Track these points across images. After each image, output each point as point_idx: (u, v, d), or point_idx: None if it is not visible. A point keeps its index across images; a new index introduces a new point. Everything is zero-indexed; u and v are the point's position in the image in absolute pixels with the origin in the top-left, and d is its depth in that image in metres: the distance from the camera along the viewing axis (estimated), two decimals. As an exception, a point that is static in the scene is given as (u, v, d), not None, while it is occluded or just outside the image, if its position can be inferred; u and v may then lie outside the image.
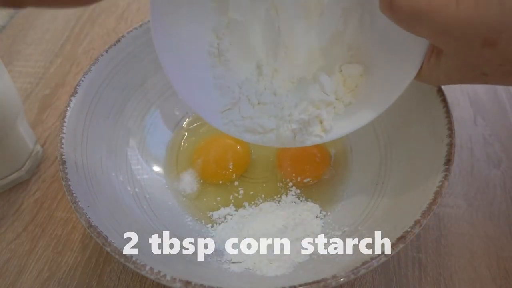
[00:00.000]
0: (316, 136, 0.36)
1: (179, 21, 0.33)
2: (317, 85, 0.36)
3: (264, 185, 0.44)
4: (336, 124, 0.36)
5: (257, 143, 0.36)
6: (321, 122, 0.35)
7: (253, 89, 0.36)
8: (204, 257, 0.37)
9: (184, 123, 0.50)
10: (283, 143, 0.36)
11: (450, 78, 0.30)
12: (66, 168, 0.35)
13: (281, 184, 0.44)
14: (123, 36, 0.44)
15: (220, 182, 0.45)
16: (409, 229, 0.31)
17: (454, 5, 0.24)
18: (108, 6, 0.68)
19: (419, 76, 0.32)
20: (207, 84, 0.36)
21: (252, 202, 0.42)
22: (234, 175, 0.45)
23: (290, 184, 0.44)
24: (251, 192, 0.43)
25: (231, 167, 0.45)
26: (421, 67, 0.31)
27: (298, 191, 0.43)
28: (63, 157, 0.36)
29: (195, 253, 0.38)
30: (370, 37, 0.34)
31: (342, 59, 0.36)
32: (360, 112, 0.35)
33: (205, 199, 0.43)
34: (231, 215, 0.41)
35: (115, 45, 0.43)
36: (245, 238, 0.39)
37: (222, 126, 0.36)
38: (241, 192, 0.43)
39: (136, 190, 0.42)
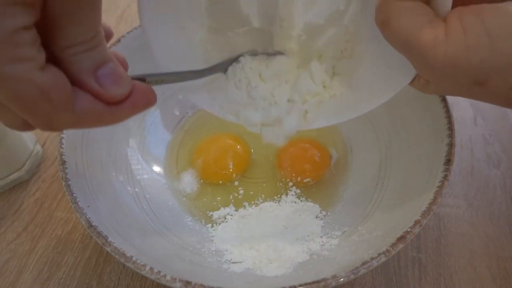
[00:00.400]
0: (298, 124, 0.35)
1: None
2: (307, 73, 0.35)
3: (264, 185, 0.44)
4: (320, 114, 0.34)
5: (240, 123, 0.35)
6: (306, 112, 0.34)
7: (242, 73, 0.35)
8: (204, 257, 0.37)
9: (184, 123, 0.50)
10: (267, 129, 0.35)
11: (440, 93, 0.30)
12: (66, 168, 0.35)
13: (281, 184, 0.44)
14: (123, 36, 0.44)
15: (220, 182, 0.45)
16: (409, 229, 0.31)
17: (443, 45, 0.23)
18: (108, 6, 0.68)
19: (411, 84, 0.31)
20: (194, 55, 0.34)
21: (252, 202, 0.42)
22: (234, 175, 0.45)
23: (290, 184, 0.44)
24: (251, 192, 0.43)
25: (231, 167, 0.45)
26: (413, 79, 0.30)
27: (298, 191, 0.43)
28: (63, 157, 0.36)
29: (195, 253, 0.38)
30: (370, 25, 0.32)
31: (337, 42, 0.35)
32: (347, 105, 0.34)
33: (205, 199, 0.43)
34: (231, 215, 0.41)
35: (115, 45, 0.43)
36: (245, 238, 0.39)
37: (206, 104, 0.35)
38: (241, 192, 0.43)
39: (136, 190, 0.42)
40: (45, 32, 0.20)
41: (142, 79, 0.26)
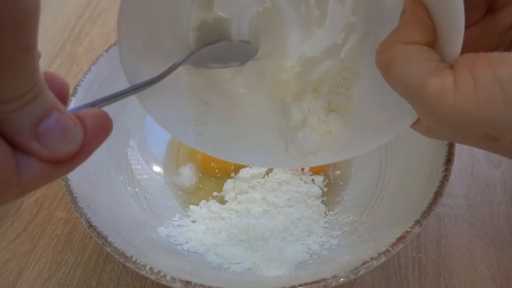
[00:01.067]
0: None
1: (151, 11, 0.29)
2: (299, 105, 0.34)
3: (264, 179, 0.44)
4: (315, 152, 0.33)
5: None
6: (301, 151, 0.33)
7: (229, 104, 0.33)
8: (204, 257, 0.37)
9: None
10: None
11: (444, 139, 0.28)
12: (66, 168, 0.35)
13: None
14: (123, 36, 0.44)
15: (218, 175, 0.45)
16: (409, 229, 0.31)
17: (451, 96, 0.21)
18: (108, 6, 0.68)
19: (413, 128, 0.28)
20: (179, 92, 0.32)
21: (251, 199, 0.42)
22: (232, 166, 0.45)
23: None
24: (250, 188, 0.43)
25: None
26: (415, 123, 0.28)
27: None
28: (63, 157, 0.36)
29: (195, 253, 0.38)
30: (368, 62, 0.31)
31: (333, 76, 0.33)
32: (342, 144, 0.33)
33: (201, 193, 0.44)
34: (229, 212, 0.41)
35: (115, 45, 0.43)
36: (244, 238, 0.39)
37: (195, 143, 0.33)
38: (240, 188, 0.43)
39: (136, 190, 0.42)
40: None
41: (92, 105, 0.23)
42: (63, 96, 0.21)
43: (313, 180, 0.44)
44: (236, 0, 0.32)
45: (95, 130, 0.20)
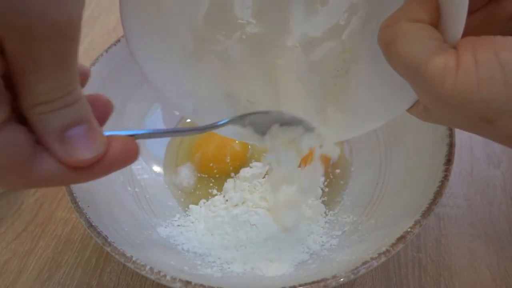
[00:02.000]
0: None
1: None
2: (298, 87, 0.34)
3: (263, 179, 0.44)
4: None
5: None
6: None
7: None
8: (204, 257, 0.37)
9: (184, 123, 0.50)
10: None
11: (441, 123, 0.28)
12: (66, 168, 0.35)
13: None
14: (123, 36, 0.44)
15: (217, 175, 0.45)
16: (409, 229, 0.31)
17: (453, 75, 0.21)
18: (108, 6, 0.68)
19: (409, 111, 0.29)
20: (178, 59, 0.32)
21: (250, 198, 0.42)
22: (231, 167, 0.45)
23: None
24: (249, 187, 0.43)
25: (228, 160, 0.45)
26: (411, 106, 0.28)
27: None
28: (63, 157, 0.36)
29: (195, 253, 0.38)
30: (369, 44, 0.31)
31: (333, 58, 0.33)
32: (340, 125, 0.33)
33: (198, 192, 0.44)
34: (228, 211, 0.41)
35: (115, 45, 0.43)
36: (245, 237, 0.39)
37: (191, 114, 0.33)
38: (239, 187, 0.43)
39: (136, 190, 0.42)
40: (14, 89, 0.18)
41: (131, 135, 0.24)
42: (103, 115, 0.23)
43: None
44: None
45: (119, 153, 0.22)
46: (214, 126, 0.30)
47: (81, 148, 0.20)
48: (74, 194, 0.33)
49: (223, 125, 0.31)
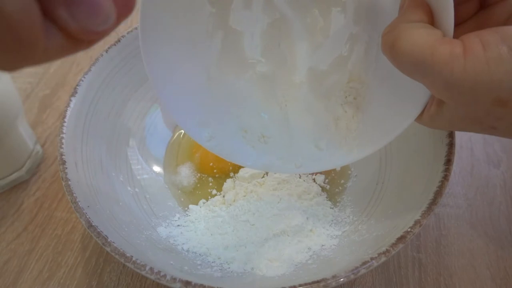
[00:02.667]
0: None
1: (172, 23, 0.31)
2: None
3: (263, 179, 0.44)
4: (332, 154, 0.35)
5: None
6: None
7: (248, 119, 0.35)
8: (204, 257, 0.37)
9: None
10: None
11: (453, 126, 0.28)
12: (66, 168, 0.35)
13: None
14: (123, 36, 0.44)
15: (217, 175, 0.45)
16: (409, 229, 0.31)
17: (461, 59, 0.22)
18: (108, 6, 0.68)
19: (419, 120, 0.29)
20: (194, 92, 0.34)
21: (250, 198, 0.42)
22: (231, 167, 0.45)
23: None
24: (249, 187, 0.43)
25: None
26: (422, 112, 0.29)
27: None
28: (63, 157, 0.36)
29: (195, 253, 0.38)
30: (374, 69, 0.33)
31: (341, 87, 0.35)
32: (349, 149, 0.34)
33: (199, 192, 0.44)
34: (228, 212, 0.41)
35: (115, 45, 0.43)
36: (245, 237, 0.39)
37: (205, 142, 0.34)
38: (238, 186, 0.43)
39: (136, 190, 0.42)
40: None
41: None
42: None
43: (314, 179, 0.44)
44: (249, 14, 0.34)
45: (121, 7, 0.19)
46: None
47: (90, 15, 0.17)
48: (74, 194, 0.33)
49: None
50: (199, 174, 0.45)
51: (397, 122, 0.31)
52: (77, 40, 0.18)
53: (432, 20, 0.25)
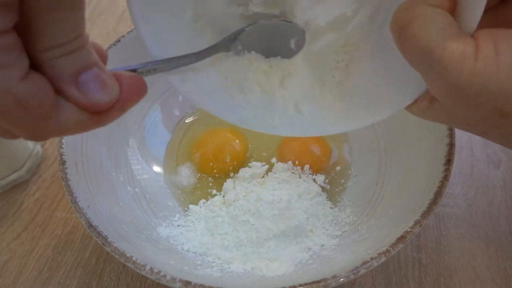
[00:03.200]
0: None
1: None
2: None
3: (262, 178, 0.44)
4: (314, 122, 0.32)
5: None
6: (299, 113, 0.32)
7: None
8: (204, 256, 0.37)
9: (184, 122, 0.50)
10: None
11: (442, 121, 0.27)
12: (66, 168, 0.35)
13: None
14: (123, 36, 0.44)
15: (217, 175, 0.45)
16: (409, 229, 0.31)
17: (471, 61, 0.20)
18: (108, 6, 0.68)
19: (408, 108, 0.28)
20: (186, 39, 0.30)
21: (250, 197, 0.42)
22: (231, 167, 0.45)
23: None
24: (248, 187, 0.43)
25: (228, 159, 0.45)
26: (414, 102, 0.27)
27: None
28: (63, 157, 0.36)
29: (195, 253, 0.38)
30: (374, 39, 0.30)
31: (335, 50, 0.32)
32: (330, 120, 0.32)
33: (199, 192, 0.44)
34: (228, 212, 0.41)
35: (115, 45, 0.43)
36: (244, 237, 0.39)
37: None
38: (238, 187, 0.43)
39: (136, 190, 0.42)
40: (25, 35, 0.18)
41: (132, 70, 0.24)
42: (102, 59, 0.23)
43: (314, 179, 0.44)
44: None
45: (130, 90, 0.23)
46: (210, 51, 0.29)
47: (97, 91, 0.20)
48: (74, 194, 0.33)
49: (217, 48, 0.29)
50: (199, 174, 0.45)
51: (383, 105, 0.29)
52: (95, 114, 0.21)
53: (454, 6, 0.23)
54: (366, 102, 0.31)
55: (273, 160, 0.46)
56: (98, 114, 0.21)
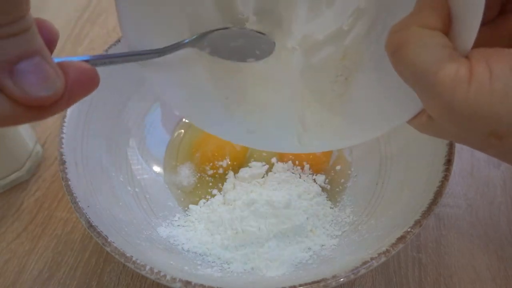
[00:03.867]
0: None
1: None
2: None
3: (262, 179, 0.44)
4: (313, 138, 0.33)
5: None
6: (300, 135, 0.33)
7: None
8: (204, 256, 0.37)
9: (184, 122, 0.50)
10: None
11: (443, 137, 0.26)
12: (66, 168, 0.35)
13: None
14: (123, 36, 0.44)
15: (217, 175, 0.45)
16: (409, 229, 0.31)
17: (464, 85, 0.20)
18: (108, 6, 0.68)
19: (408, 122, 0.28)
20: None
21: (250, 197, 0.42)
22: (231, 167, 0.45)
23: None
24: (249, 186, 0.43)
25: (228, 159, 0.45)
26: (413, 117, 0.27)
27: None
28: (63, 157, 0.36)
29: (195, 253, 0.38)
30: (372, 51, 0.30)
31: (334, 64, 0.32)
32: (338, 133, 0.32)
33: (200, 192, 0.44)
34: (229, 212, 0.41)
35: (115, 45, 0.43)
36: (244, 237, 0.39)
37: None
38: (238, 186, 0.43)
39: (136, 190, 0.42)
40: None
41: (86, 61, 0.21)
42: (50, 43, 0.20)
43: (314, 179, 0.44)
44: None
45: (78, 83, 0.20)
46: (173, 47, 0.28)
47: (35, 84, 0.18)
48: (74, 194, 0.33)
49: (181, 46, 0.29)
50: (199, 174, 0.45)
51: (383, 119, 0.29)
52: (28, 107, 0.18)
53: (449, 25, 0.23)
54: (365, 116, 0.30)
55: (273, 160, 0.46)
56: (37, 108, 0.18)
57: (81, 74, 0.20)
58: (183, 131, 0.49)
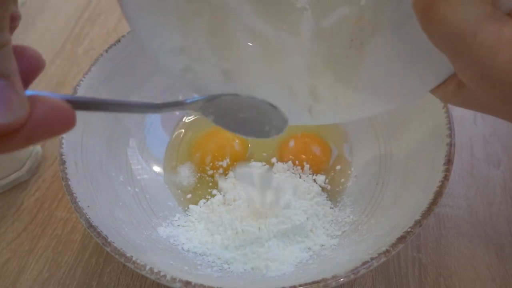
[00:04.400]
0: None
1: None
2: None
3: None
4: (324, 110, 0.30)
5: None
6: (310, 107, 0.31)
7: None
8: (204, 256, 0.37)
9: (184, 123, 0.50)
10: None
11: (467, 106, 0.24)
12: (66, 168, 0.35)
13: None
14: (123, 36, 0.44)
15: (216, 175, 0.45)
16: (409, 229, 0.31)
17: (508, 48, 0.18)
18: (108, 6, 0.68)
19: (433, 92, 0.25)
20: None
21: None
22: (231, 167, 0.45)
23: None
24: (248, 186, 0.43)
25: (227, 159, 0.45)
26: (438, 85, 0.25)
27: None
28: (63, 157, 0.36)
29: (195, 253, 0.38)
30: (391, 12, 0.26)
31: (348, 27, 0.28)
32: (352, 103, 0.29)
33: (200, 192, 0.44)
34: (228, 212, 0.41)
35: (115, 45, 0.44)
36: (244, 237, 0.39)
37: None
38: (238, 186, 0.43)
39: (136, 190, 0.42)
40: None
41: (68, 101, 0.19)
42: (31, 71, 0.19)
43: (314, 179, 0.44)
44: None
45: (46, 118, 0.18)
46: (172, 105, 0.27)
47: None
48: (74, 194, 0.33)
49: (182, 106, 0.27)
50: (199, 174, 0.45)
51: (401, 88, 0.27)
52: None
53: None
54: (383, 85, 0.28)
55: (273, 160, 0.46)
56: None
57: (52, 111, 0.18)
58: (183, 131, 0.49)
